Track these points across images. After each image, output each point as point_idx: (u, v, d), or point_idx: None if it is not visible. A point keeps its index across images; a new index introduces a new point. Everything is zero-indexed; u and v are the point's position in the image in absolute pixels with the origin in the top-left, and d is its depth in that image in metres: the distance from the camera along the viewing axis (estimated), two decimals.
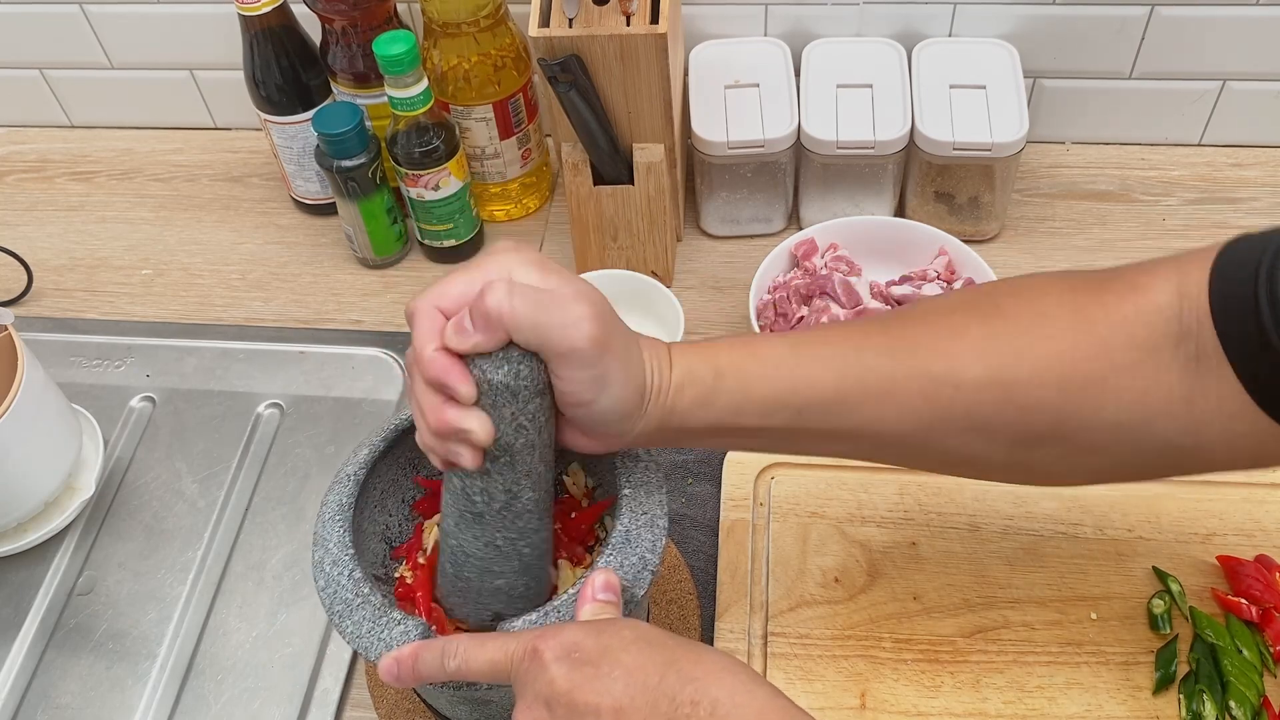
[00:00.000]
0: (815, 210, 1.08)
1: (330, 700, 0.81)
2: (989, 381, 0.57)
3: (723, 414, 0.59)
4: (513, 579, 0.64)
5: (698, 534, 0.87)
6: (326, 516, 0.66)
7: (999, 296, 0.60)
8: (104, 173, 1.23)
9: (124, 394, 1.02)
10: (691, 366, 0.59)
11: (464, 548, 0.63)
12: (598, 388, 0.56)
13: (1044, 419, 0.57)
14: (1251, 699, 0.73)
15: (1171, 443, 0.57)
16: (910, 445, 0.61)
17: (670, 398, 0.59)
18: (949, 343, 0.58)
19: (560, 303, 0.54)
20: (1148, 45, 1.06)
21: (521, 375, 0.56)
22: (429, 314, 0.56)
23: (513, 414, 0.57)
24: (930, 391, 0.58)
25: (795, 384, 0.59)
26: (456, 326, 0.55)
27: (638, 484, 0.66)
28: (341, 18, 1.01)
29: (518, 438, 0.58)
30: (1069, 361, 0.56)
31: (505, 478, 0.60)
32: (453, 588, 0.66)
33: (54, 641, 0.87)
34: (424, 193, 1.03)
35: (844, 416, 0.59)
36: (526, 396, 0.56)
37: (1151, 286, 0.56)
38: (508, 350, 0.55)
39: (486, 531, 0.62)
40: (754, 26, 1.09)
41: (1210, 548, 0.82)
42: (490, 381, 0.55)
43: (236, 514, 0.93)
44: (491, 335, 0.54)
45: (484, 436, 0.56)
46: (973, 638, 0.78)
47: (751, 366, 0.59)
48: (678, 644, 0.53)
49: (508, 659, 0.54)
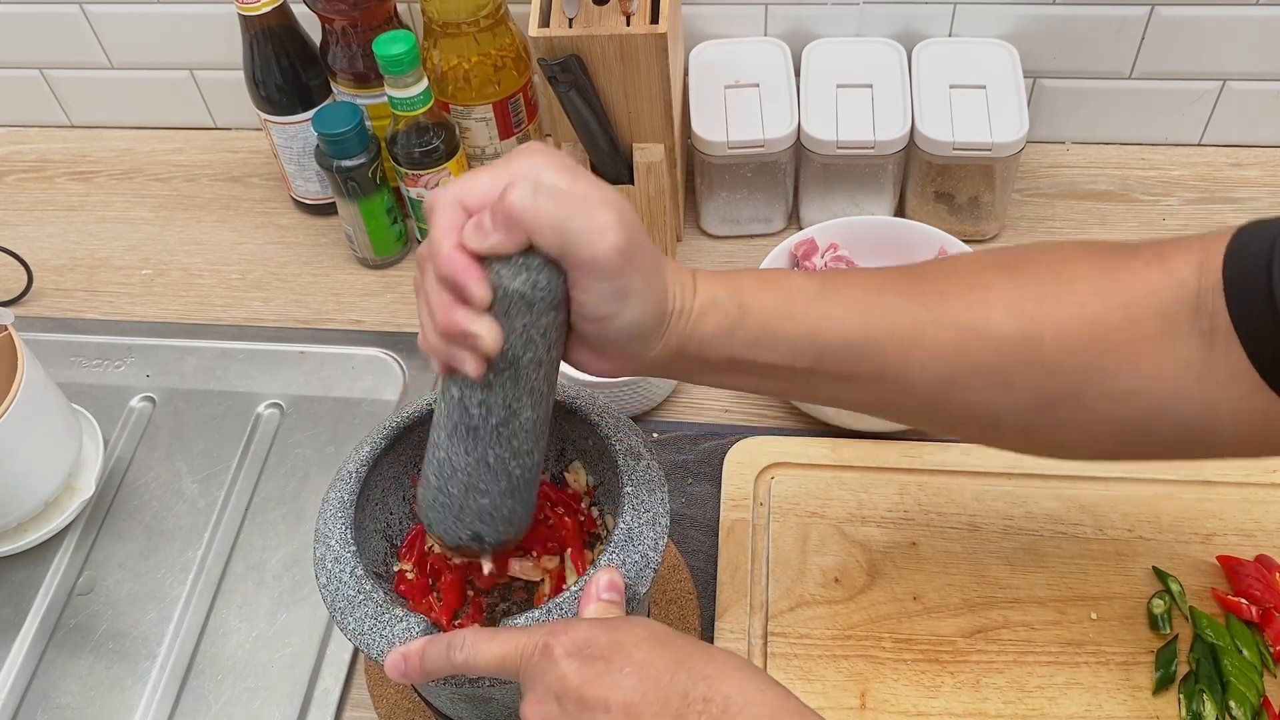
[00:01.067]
0: (815, 210, 1.08)
1: (330, 700, 0.81)
2: (1017, 336, 0.56)
3: (744, 346, 0.58)
4: (498, 499, 0.61)
5: (698, 534, 0.87)
6: (328, 514, 0.66)
7: (1025, 257, 0.60)
8: (104, 173, 1.23)
9: (124, 394, 1.02)
10: (716, 294, 0.57)
11: (452, 460, 0.60)
12: (618, 302, 0.54)
13: (1066, 380, 0.57)
14: (1251, 699, 0.73)
15: (1183, 421, 0.57)
16: (930, 395, 0.59)
17: (692, 322, 0.57)
18: (978, 294, 0.57)
19: (587, 208, 0.52)
20: (1148, 45, 1.06)
21: (539, 285, 0.53)
22: (451, 208, 0.53)
23: (524, 326, 0.54)
24: (959, 341, 0.57)
25: (822, 324, 0.57)
26: (476, 225, 0.52)
27: (639, 482, 0.66)
28: (341, 18, 1.01)
29: (526, 351, 0.55)
30: (1096, 323, 0.56)
31: (507, 392, 0.57)
32: (434, 500, 0.62)
33: (54, 641, 0.87)
34: (424, 193, 1.03)
35: (867, 361, 0.58)
36: (541, 309, 0.54)
37: (1177, 258, 0.56)
38: (528, 256, 0.53)
39: (479, 446, 0.59)
40: (754, 26, 1.09)
41: (1210, 548, 0.82)
42: (506, 288, 0.53)
43: (236, 514, 0.93)
44: (512, 235, 0.52)
45: (492, 344, 0.53)
46: (973, 638, 0.78)
47: (778, 302, 0.58)
48: (689, 642, 0.53)
49: (517, 653, 0.54)
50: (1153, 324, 0.55)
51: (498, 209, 0.52)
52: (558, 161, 0.53)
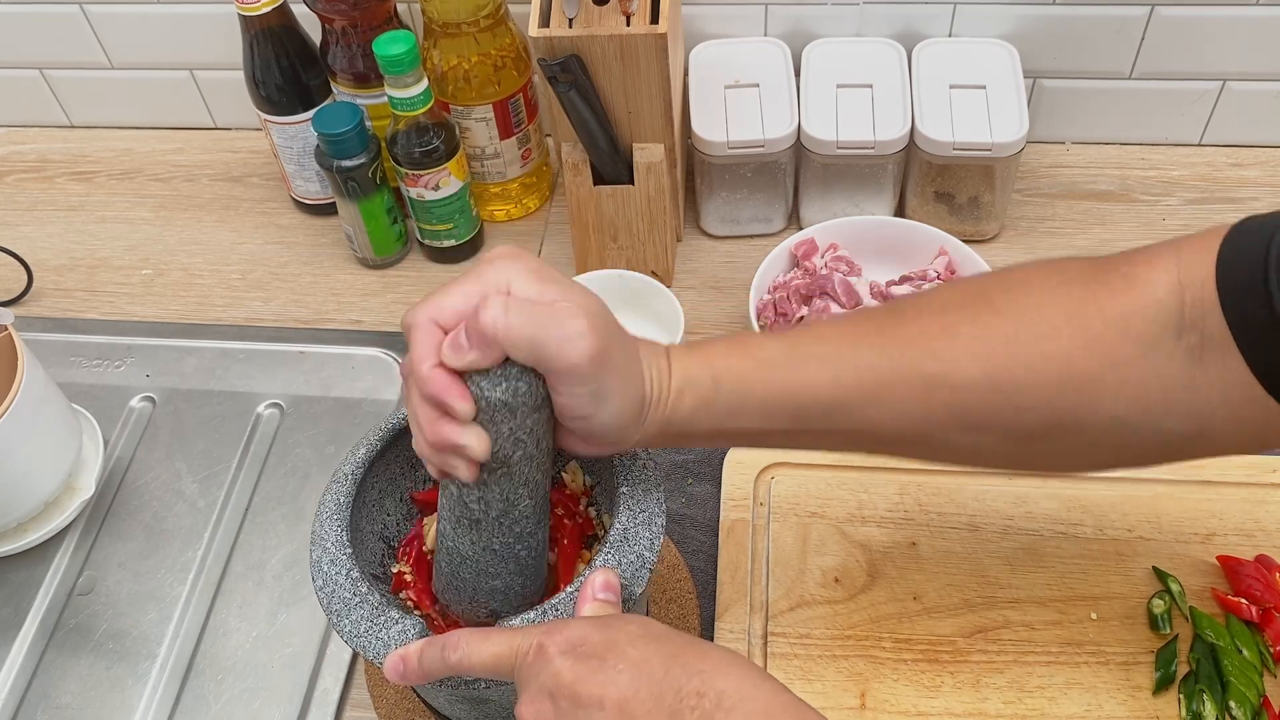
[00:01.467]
0: (815, 210, 1.08)
1: (330, 700, 0.81)
2: (984, 382, 0.57)
3: (722, 418, 0.59)
4: (509, 580, 0.65)
5: (698, 534, 0.87)
6: (324, 516, 0.66)
7: (992, 292, 0.60)
8: (104, 173, 1.23)
9: (124, 394, 1.02)
10: (690, 373, 0.59)
11: (460, 550, 0.63)
12: (596, 402, 0.56)
13: (1041, 417, 0.57)
14: (1251, 699, 0.73)
15: (1174, 431, 0.57)
16: (909, 442, 0.61)
17: (669, 406, 0.59)
18: (942, 342, 0.58)
19: (558, 318, 0.54)
20: (1148, 45, 1.06)
21: (519, 392, 0.55)
22: (426, 328, 0.55)
23: (510, 429, 0.57)
24: (924, 393, 0.58)
25: (793, 386, 0.59)
26: (453, 344, 0.54)
27: (635, 482, 0.66)
28: (341, 18, 1.01)
29: (515, 451, 0.58)
30: (1065, 360, 0.56)
31: (502, 488, 0.60)
32: (449, 585, 0.66)
33: (54, 641, 0.87)
34: (424, 193, 1.03)
35: (842, 417, 0.59)
36: (524, 412, 0.56)
37: (1150, 280, 0.56)
38: (505, 367, 0.55)
39: (483, 537, 0.62)
40: (754, 26, 1.09)
41: (1210, 548, 0.82)
42: (488, 398, 0.55)
43: (236, 514, 0.93)
44: (487, 353, 0.54)
45: (481, 452, 0.56)
46: (973, 638, 0.78)
47: (749, 370, 0.59)
48: (683, 638, 0.53)
49: (512, 653, 0.54)
50: (1129, 350, 0.55)
51: (472, 329, 0.53)
52: (527, 267, 0.55)
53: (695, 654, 0.52)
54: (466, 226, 1.08)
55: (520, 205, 1.14)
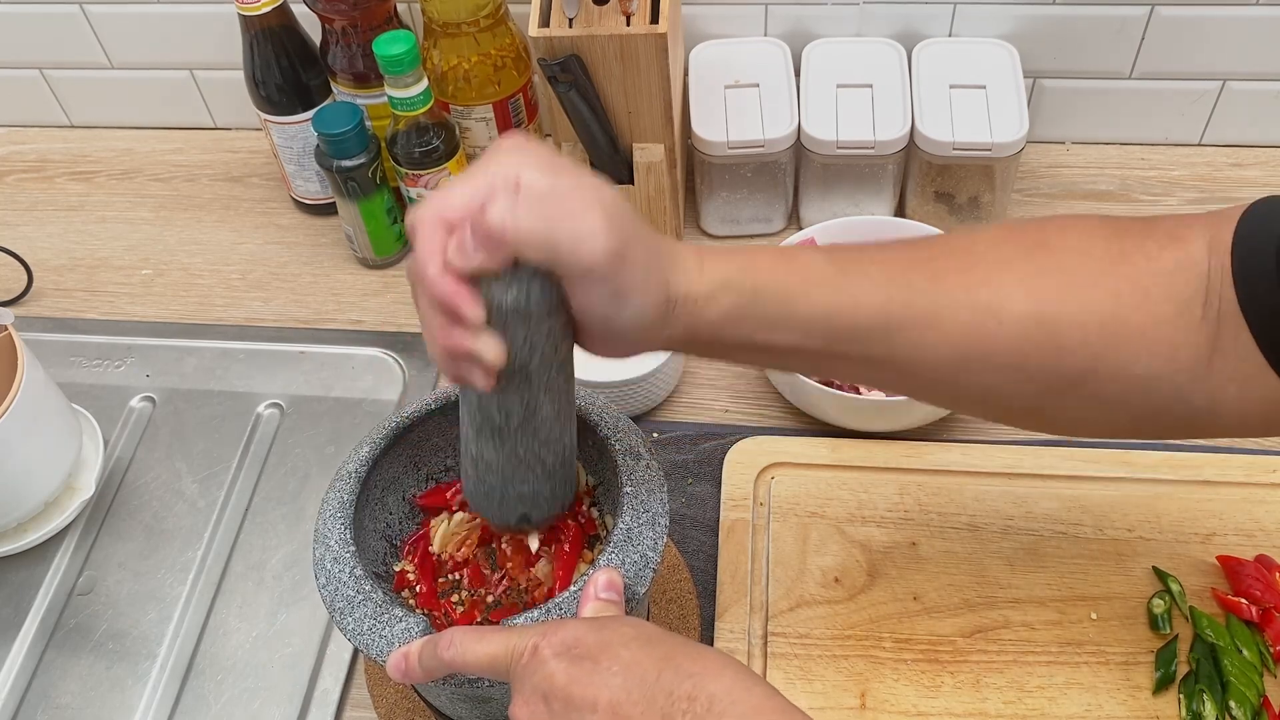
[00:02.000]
0: (815, 210, 1.08)
1: (330, 700, 0.81)
2: (1033, 318, 0.56)
3: (759, 329, 0.56)
4: (537, 485, 0.63)
5: (698, 534, 0.87)
6: (327, 514, 0.66)
7: (1047, 232, 0.59)
8: (104, 173, 1.23)
9: (124, 394, 1.02)
10: (728, 276, 0.56)
11: (484, 456, 0.61)
12: (616, 303, 0.53)
13: (1080, 362, 0.56)
14: (1251, 699, 0.73)
15: (1191, 403, 0.56)
16: (943, 377, 0.58)
17: (701, 307, 0.55)
18: (996, 273, 0.57)
19: (571, 214, 0.51)
20: (1148, 45, 1.06)
21: (532, 296, 0.52)
22: (432, 228, 0.52)
23: (525, 335, 0.54)
24: (975, 322, 0.56)
25: (840, 305, 0.56)
26: (459, 246, 0.51)
27: (639, 482, 0.66)
28: (341, 18, 1.01)
29: (533, 357, 0.55)
30: (1112, 307, 0.55)
31: (522, 393, 0.57)
32: (477, 491, 0.64)
33: (54, 641, 0.87)
34: (424, 193, 1.03)
35: (884, 342, 0.57)
36: (539, 317, 0.53)
37: (1190, 239, 0.55)
38: (516, 270, 0.51)
39: (506, 443, 0.60)
40: (754, 26, 1.09)
41: (1210, 548, 0.82)
42: (499, 304, 0.52)
43: (236, 514, 0.93)
44: (496, 254, 0.51)
45: (495, 358, 0.53)
46: (973, 638, 0.78)
47: (794, 283, 0.56)
48: (677, 641, 0.53)
49: (507, 653, 0.54)
50: (1167, 308, 0.55)
51: (478, 229, 0.51)
52: (537, 156, 0.52)
53: (688, 657, 0.52)
54: None
55: None
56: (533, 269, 0.52)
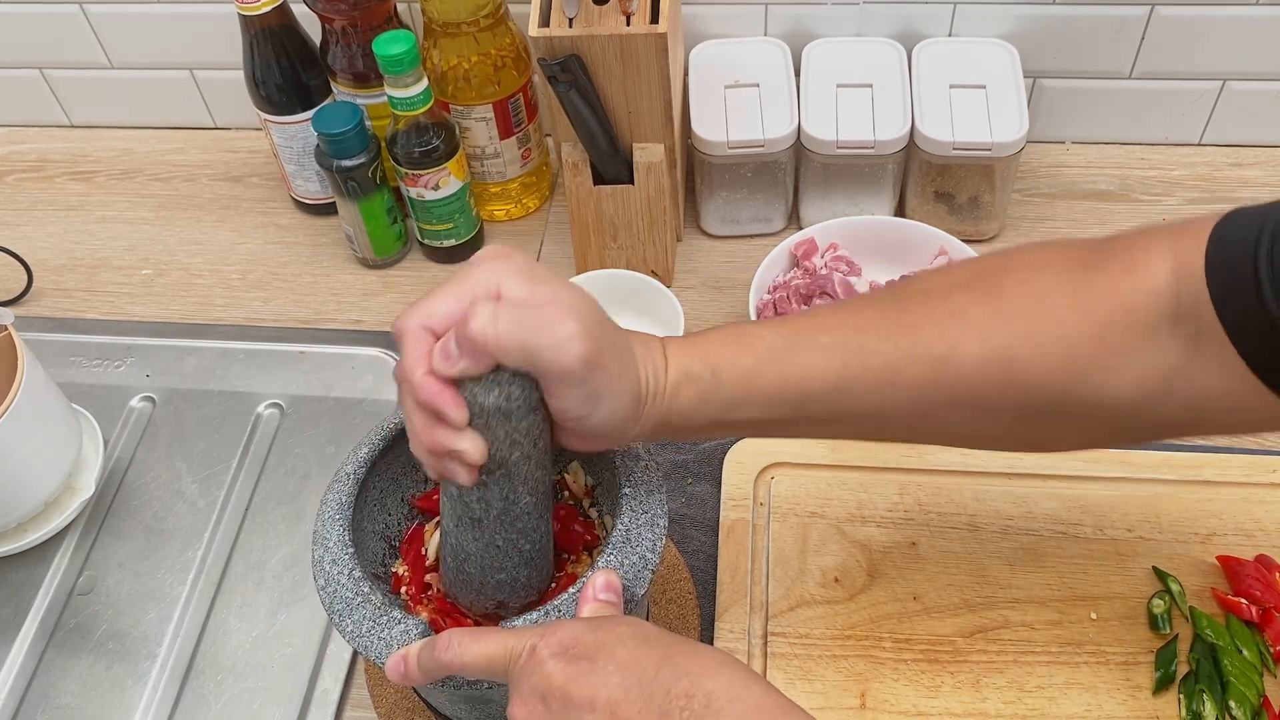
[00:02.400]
0: (815, 210, 1.08)
1: (330, 700, 0.81)
2: (991, 362, 0.57)
3: (723, 410, 0.59)
4: (514, 572, 0.65)
5: (698, 534, 0.87)
6: (326, 515, 0.66)
7: (996, 275, 0.60)
8: (104, 173, 1.23)
9: (124, 394, 1.02)
10: (688, 365, 0.59)
11: (464, 547, 0.63)
12: (591, 404, 0.56)
13: (1045, 398, 0.57)
14: (1251, 699, 0.73)
15: (1171, 417, 0.57)
16: (911, 424, 0.61)
17: (667, 400, 0.59)
18: (949, 324, 0.58)
19: (548, 322, 0.53)
20: (1148, 45, 1.06)
21: (513, 397, 0.55)
22: (417, 335, 0.55)
23: (506, 433, 0.56)
24: (932, 374, 0.58)
25: (796, 376, 0.59)
26: (443, 352, 0.54)
27: (638, 483, 0.66)
28: (341, 18, 1.01)
29: (512, 453, 0.58)
30: (1070, 343, 0.56)
31: (502, 488, 0.60)
32: (456, 579, 0.66)
33: (54, 641, 0.87)
34: (424, 193, 1.03)
35: (846, 404, 0.59)
36: (519, 416, 0.56)
37: (1149, 267, 0.56)
38: (497, 373, 0.54)
39: (485, 534, 0.62)
40: (754, 26, 1.09)
41: (1210, 548, 0.82)
42: (481, 405, 0.55)
43: (236, 514, 0.93)
44: (478, 361, 0.54)
45: (477, 457, 0.56)
46: (973, 638, 0.78)
47: (748, 361, 0.59)
48: (674, 640, 0.53)
49: (505, 654, 0.54)
50: (1129, 337, 0.56)
51: (461, 337, 0.53)
52: (516, 267, 0.55)
53: (686, 655, 0.52)
54: (466, 226, 1.08)
55: (520, 205, 1.14)
56: (512, 372, 0.55)
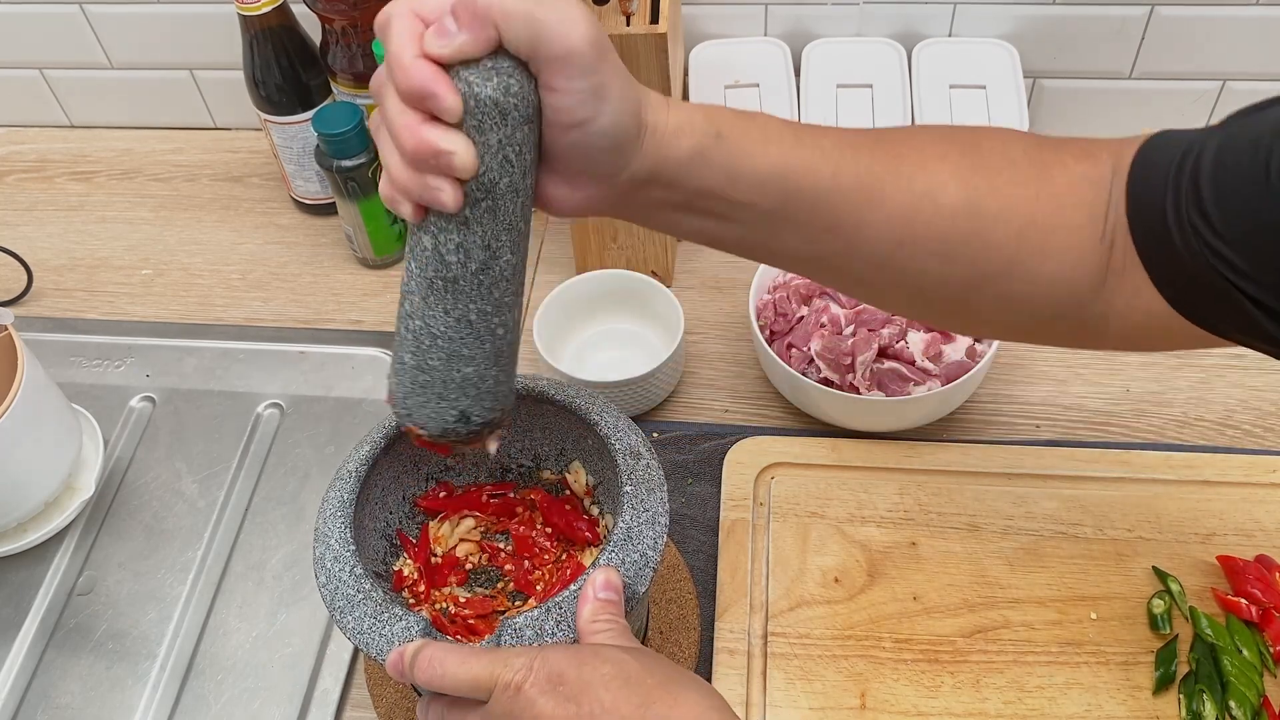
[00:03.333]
0: None
1: (330, 700, 0.81)
2: (964, 208, 0.58)
3: (716, 176, 0.56)
4: (483, 368, 0.57)
5: (698, 534, 0.87)
6: (328, 513, 0.66)
7: (979, 136, 0.62)
8: (104, 173, 1.23)
9: (124, 394, 1.02)
10: (692, 118, 0.56)
11: (431, 327, 0.56)
12: (596, 101, 0.51)
13: (1000, 257, 0.59)
14: (1251, 699, 0.73)
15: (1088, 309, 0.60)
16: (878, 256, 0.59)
17: (667, 140, 0.55)
18: (934, 164, 0.59)
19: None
20: (1148, 45, 1.06)
21: (512, 90, 0.49)
22: (405, 16, 0.49)
23: (499, 141, 0.50)
24: (913, 205, 0.58)
25: (794, 165, 0.57)
26: (438, 28, 0.49)
27: (639, 481, 0.66)
28: (341, 18, 1.01)
29: (503, 175, 0.51)
30: (1032, 206, 0.58)
31: (485, 228, 0.53)
32: (413, 384, 0.58)
33: (54, 641, 0.87)
34: None
35: (831, 212, 0.58)
36: (516, 120, 0.50)
37: (1099, 158, 0.59)
38: (497, 60, 0.49)
39: (460, 302, 0.55)
40: (754, 26, 1.09)
41: (1210, 548, 0.82)
42: (477, 96, 0.49)
43: (236, 514, 0.93)
44: (480, 33, 0.48)
45: (469, 161, 0.50)
46: (973, 638, 0.78)
47: (754, 135, 0.56)
48: (656, 683, 0.54)
49: (490, 681, 0.55)
50: (1078, 215, 0.58)
51: (462, 7, 0.48)
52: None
53: (666, 702, 0.53)
54: None
55: None
56: (512, 61, 0.49)
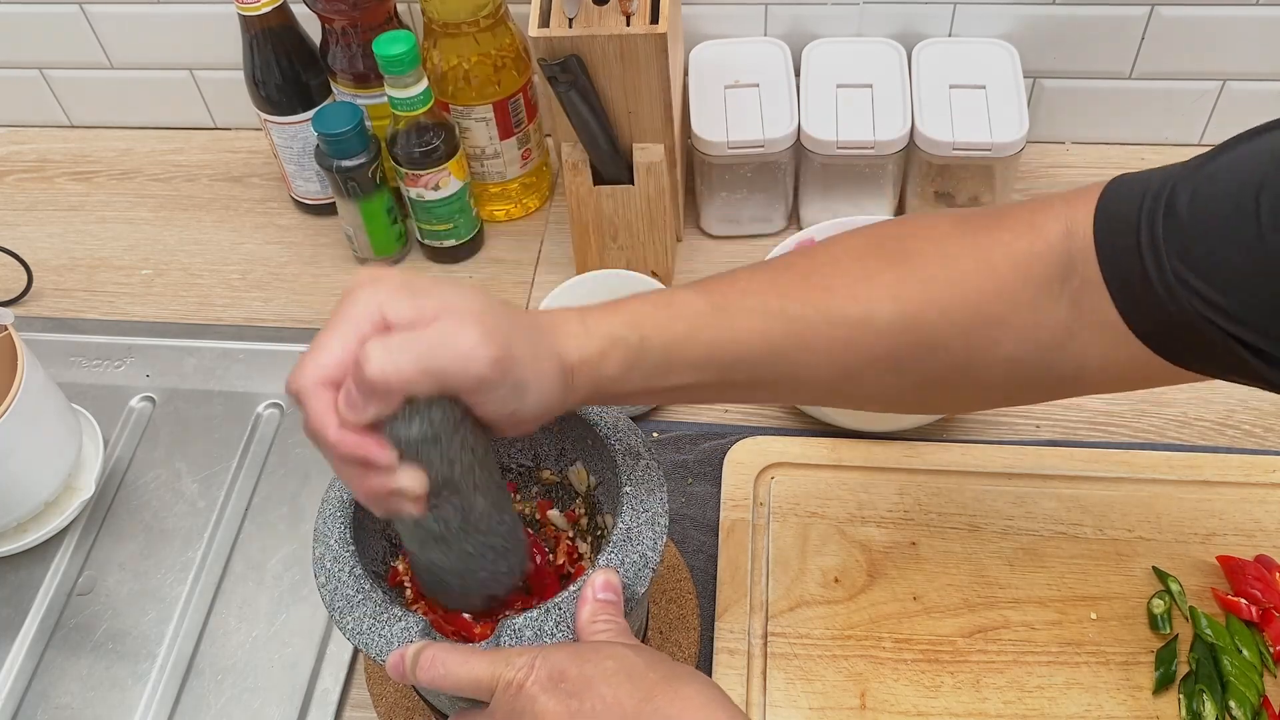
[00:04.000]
0: (815, 210, 1.08)
1: (330, 700, 0.81)
2: (902, 323, 0.58)
3: (651, 375, 0.59)
4: (492, 568, 0.64)
5: (698, 534, 0.87)
6: (327, 513, 0.66)
7: (904, 239, 0.62)
8: (104, 173, 1.23)
9: (124, 394, 1.02)
10: (613, 330, 0.58)
11: (435, 563, 0.63)
12: (517, 397, 0.55)
13: (951, 357, 0.59)
14: (1251, 699, 0.73)
15: (1058, 371, 0.60)
16: (833, 388, 0.62)
17: (595, 367, 0.58)
18: (863, 288, 0.59)
19: (446, 338, 0.52)
20: (1148, 45, 1.06)
21: (435, 422, 0.53)
22: (314, 392, 0.53)
23: (441, 455, 0.55)
24: (848, 338, 0.59)
25: (723, 342, 0.59)
26: (348, 402, 0.52)
27: (639, 481, 0.66)
28: (341, 18, 1.01)
29: (453, 470, 0.56)
30: (975, 302, 0.58)
31: (454, 503, 0.58)
32: (436, 589, 0.66)
33: (54, 641, 0.87)
34: (424, 193, 1.03)
35: (770, 368, 0.60)
36: (448, 436, 0.55)
37: (1045, 226, 0.58)
38: (414, 404, 0.52)
39: (453, 547, 0.61)
40: (754, 26, 1.09)
41: (1210, 548, 0.82)
42: (407, 438, 0.53)
43: (236, 514, 0.93)
44: (387, 401, 0.52)
45: (419, 489, 0.55)
46: (973, 638, 0.78)
47: (678, 328, 0.59)
48: (659, 678, 0.54)
49: (492, 680, 0.55)
50: (1027, 292, 0.58)
51: (361, 384, 0.51)
52: (392, 287, 0.53)
53: (667, 697, 0.53)
54: (466, 226, 1.08)
55: (520, 205, 1.14)
56: (426, 398, 0.53)
